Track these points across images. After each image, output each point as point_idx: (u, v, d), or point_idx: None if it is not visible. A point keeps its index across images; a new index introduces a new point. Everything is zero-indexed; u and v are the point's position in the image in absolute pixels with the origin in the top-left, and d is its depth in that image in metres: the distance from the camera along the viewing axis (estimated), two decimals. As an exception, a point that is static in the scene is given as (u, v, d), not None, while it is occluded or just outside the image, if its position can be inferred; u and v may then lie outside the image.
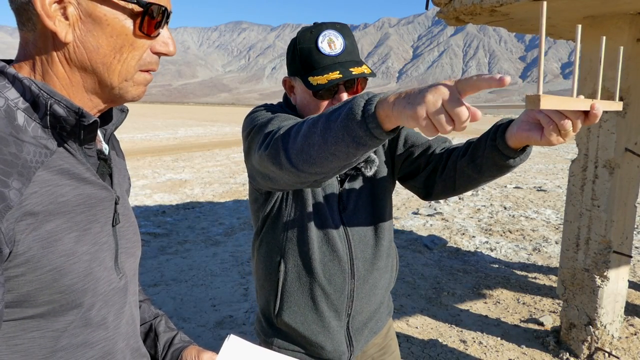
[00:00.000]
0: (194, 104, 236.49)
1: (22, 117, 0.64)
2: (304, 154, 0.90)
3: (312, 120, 0.91)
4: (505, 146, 1.01)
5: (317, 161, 0.89)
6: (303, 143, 0.90)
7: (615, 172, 2.82)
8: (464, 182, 1.18)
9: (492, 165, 1.07)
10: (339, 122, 0.83)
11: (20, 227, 0.60)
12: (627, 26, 2.67)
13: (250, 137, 1.15)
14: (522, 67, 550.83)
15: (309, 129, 0.90)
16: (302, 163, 0.91)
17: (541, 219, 7.00)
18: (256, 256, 1.38)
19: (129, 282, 0.81)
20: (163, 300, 3.99)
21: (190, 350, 0.94)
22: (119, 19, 0.67)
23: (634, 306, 3.84)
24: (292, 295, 1.29)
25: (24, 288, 0.62)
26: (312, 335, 1.30)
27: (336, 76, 1.15)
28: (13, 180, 0.59)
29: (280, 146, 0.95)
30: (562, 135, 0.86)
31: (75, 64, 0.67)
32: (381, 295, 1.38)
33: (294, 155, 0.92)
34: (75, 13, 0.65)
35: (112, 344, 0.76)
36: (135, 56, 0.70)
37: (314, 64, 1.18)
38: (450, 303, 4.00)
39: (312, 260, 1.26)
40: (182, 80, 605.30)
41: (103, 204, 0.73)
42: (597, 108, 0.80)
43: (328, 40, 1.18)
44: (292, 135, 0.94)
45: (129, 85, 0.72)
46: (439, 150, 1.27)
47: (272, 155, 0.97)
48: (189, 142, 19.34)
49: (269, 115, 1.18)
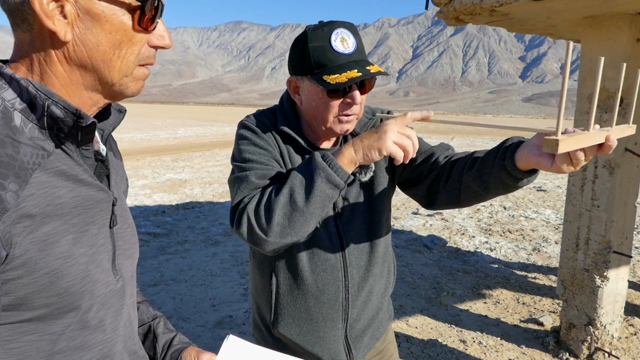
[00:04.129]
0: (193, 104, 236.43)
1: (19, 118, 0.64)
2: (284, 229, 1.06)
3: (281, 201, 1.06)
4: (514, 167, 1.00)
5: (298, 229, 1.07)
6: (281, 221, 1.06)
7: (615, 172, 2.82)
8: (468, 196, 1.16)
9: (499, 184, 1.06)
10: (320, 195, 1.04)
11: (17, 230, 0.59)
12: (627, 26, 2.67)
13: (229, 182, 1.24)
14: (521, 67, 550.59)
15: (283, 210, 1.05)
16: (283, 236, 1.07)
17: (541, 219, 7.00)
18: (251, 265, 1.38)
19: (127, 284, 0.80)
20: (163, 300, 3.99)
21: (190, 352, 0.93)
22: (117, 15, 0.66)
23: (634, 306, 3.84)
24: (286, 307, 1.29)
25: (21, 291, 0.62)
26: (309, 346, 1.29)
27: (355, 74, 1.14)
28: (10, 183, 0.59)
29: (255, 226, 1.08)
30: (574, 164, 0.86)
31: (75, 62, 0.67)
32: (378, 302, 1.36)
33: (272, 233, 1.06)
34: (73, 11, 0.64)
35: (110, 347, 0.76)
36: (134, 51, 0.69)
37: (327, 63, 1.16)
38: (450, 303, 4.00)
39: (303, 271, 1.25)
40: (182, 80, 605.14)
41: (100, 206, 0.72)
42: (612, 140, 0.84)
43: (341, 39, 1.16)
44: (264, 214, 1.07)
45: (129, 80, 0.71)
46: (442, 158, 1.25)
47: (247, 232, 1.09)
48: (188, 142, 19.33)
49: (242, 164, 1.20)
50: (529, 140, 0.98)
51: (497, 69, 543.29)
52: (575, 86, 3.09)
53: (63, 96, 0.68)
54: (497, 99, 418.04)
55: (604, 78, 2.76)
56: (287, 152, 1.25)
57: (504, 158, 1.03)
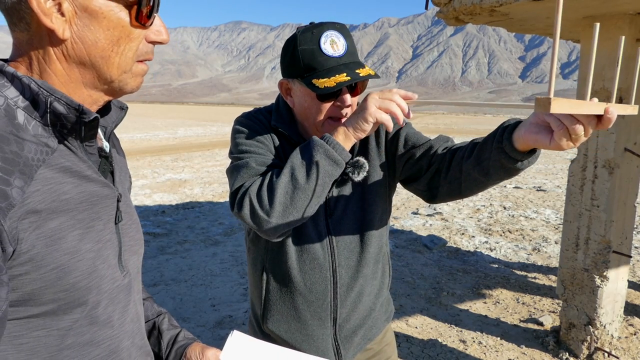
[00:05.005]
0: (193, 103, 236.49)
1: (22, 115, 0.64)
2: (287, 208, 1.08)
3: (283, 181, 1.08)
4: (513, 149, 0.97)
5: (300, 208, 1.08)
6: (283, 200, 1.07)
7: (614, 172, 2.83)
8: (470, 185, 1.13)
9: (500, 168, 1.03)
10: (321, 172, 1.07)
11: (24, 226, 0.60)
12: (627, 26, 2.68)
13: (228, 171, 1.25)
14: (521, 67, 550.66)
15: (285, 189, 1.07)
16: (285, 215, 1.08)
17: (541, 219, 7.01)
18: (248, 261, 1.39)
19: (133, 280, 0.81)
20: (163, 300, 3.99)
21: (195, 347, 0.93)
22: (114, 11, 0.66)
23: (634, 306, 3.84)
24: (275, 304, 1.29)
25: (28, 286, 0.62)
26: (296, 344, 1.29)
27: (344, 78, 1.13)
28: (15, 179, 0.59)
29: (257, 207, 1.09)
30: (573, 140, 0.82)
31: (74, 60, 0.67)
32: (370, 302, 1.35)
33: (274, 212, 1.07)
34: (70, 9, 0.64)
35: (118, 342, 0.76)
36: (132, 47, 0.70)
37: (317, 66, 1.15)
38: (449, 303, 4.01)
39: (292, 269, 1.25)
40: (182, 80, 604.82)
41: (105, 202, 0.73)
42: (612, 112, 0.78)
43: (330, 42, 1.15)
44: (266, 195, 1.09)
45: (128, 77, 0.72)
46: (441, 150, 1.22)
47: (250, 214, 1.10)
48: (188, 141, 19.33)
49: (240, 155, 1.22)
50: (526, 120, 0.95)
51: (497, 69, 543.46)
52: (575, 86, 3.09)
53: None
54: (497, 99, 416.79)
55: (603, 78, 2.77)
56: (282, 149, 1.26)
57: (501, 140, 1.00)
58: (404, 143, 1.28)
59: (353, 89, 1.21)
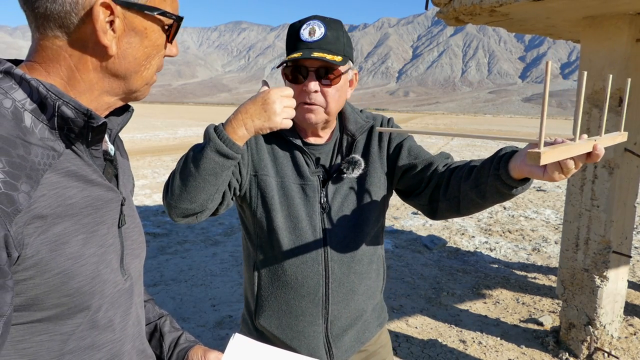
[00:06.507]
0: (193, 104, 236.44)
1: (30, 118, 0.64)
2: (182, 192, 1.11)
3: (179, 167, 1.12)
4: (508, 176, 1.04)
5: (193, 194, 1.11)
6: (179, 184, 1.12)
7: (614, 172, 2.83)
8: (467, 205, 1.19)
9: (495, 193, 1.10)
10: (209, 163, 1.07)
11: (29, 231, 0.60)
12: (626, 26, 2.68)
13: None
14: (521, 67, 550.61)
15: (180, 175, 1.11)
16: (181, 199, 1.12)
17: (541, 219, 7.01)
18: (243, 258, 1.40)
19: (135, 284, 0.81)
20: (163, 300, 3.99)
21: (196, 350, 0.93)
22: (155, 32, 0.71)
23: (634, 306, 3.84)
24: (267, 299, 1.30)
25: (32, 291, 0.62)
26: (288, 340, 1.30)
27: (295, 55, 1.16)
28: (22, 184, 0.59)
29: (166, 192, 1.15)
30: (565, 172, 0.89)
31: (109, 72, 0.70)
32: (362, 302, 1.35)
33: (173, 196, 1.12)
34: (121, 27, 0.67)
35: (119, 346, 0.76)
36: (157, 62, 0.75)
37: (290, 49, 1.20)
38: (449, 303, 4.01)
39: (284, 263, 1.26)
40: (182, 80, 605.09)
41: (110, 206, 0.73)
42: (599, 149, 0.86)
43: (310, 29, 1.19)
44: (170, 180, 1.14)
45: (147, 87, 0.77)
46: (442, 167, 1.28)
47: (163, 198, 1.17)
48: (188, 142, 19.33)
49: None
50: (521, 150, 1.02)
51: (497, 69, 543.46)
52: (575, 86, 3.09)
53: (83, 101, 0.69)
54: (497, 99, 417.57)
55: (604, 78, 2.77)
56: (272, 146, 1.28)
57: (498, 168, 1.06)
58: (407, 153, 1.33)
59: (324, 77, 1.20)
